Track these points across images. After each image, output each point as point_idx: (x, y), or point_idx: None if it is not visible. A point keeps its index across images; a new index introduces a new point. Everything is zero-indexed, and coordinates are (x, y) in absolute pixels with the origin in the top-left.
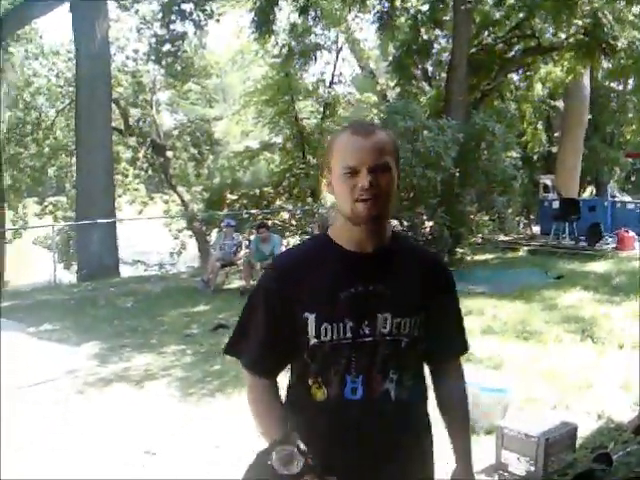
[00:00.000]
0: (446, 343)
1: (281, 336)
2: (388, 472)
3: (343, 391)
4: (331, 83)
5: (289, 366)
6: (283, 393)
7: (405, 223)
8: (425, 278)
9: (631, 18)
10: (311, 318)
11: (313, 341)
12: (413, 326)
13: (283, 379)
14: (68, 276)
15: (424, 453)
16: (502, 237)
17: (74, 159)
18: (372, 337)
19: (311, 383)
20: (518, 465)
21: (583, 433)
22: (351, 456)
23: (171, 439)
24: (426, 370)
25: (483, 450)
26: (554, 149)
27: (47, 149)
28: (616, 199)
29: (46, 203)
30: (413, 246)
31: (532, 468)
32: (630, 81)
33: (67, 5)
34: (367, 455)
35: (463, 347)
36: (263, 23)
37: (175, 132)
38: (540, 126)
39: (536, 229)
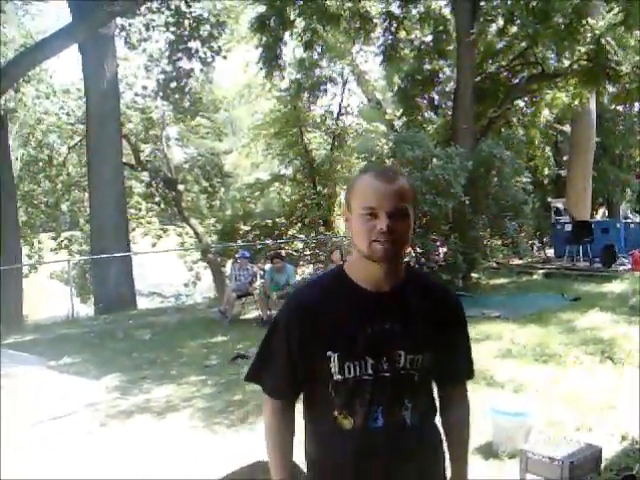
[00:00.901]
0: (454, 371)
1: (301, 368)
2: None
3: (367, 421)
4: (339, 114)
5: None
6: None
7: (419, 250)
8: (437, 315)
9: (633, 43)
10: (334, 357)
11: (337, 377)
12: (424, 361)
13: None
14: (85, 309)
15: (436, 464)
16: (516, 261)
17: (87, 194)
18: (390, 372)
19: (337, 414)
20: None
21: (607, 455)
22: (376, 476)
23: (193, 470)
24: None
25: (507, 474)
26: (563, 173)
27: (60, 185)
28: (629, 220)
29: (61, 238)
30: (426, 282)
31: None
32: (636, 104)
33: (76, 46)
34: (389, 473)
35: (469, 374)
36: (270, 59)
37: (186, 166)
38: (548, 150)
39: (550, 252)
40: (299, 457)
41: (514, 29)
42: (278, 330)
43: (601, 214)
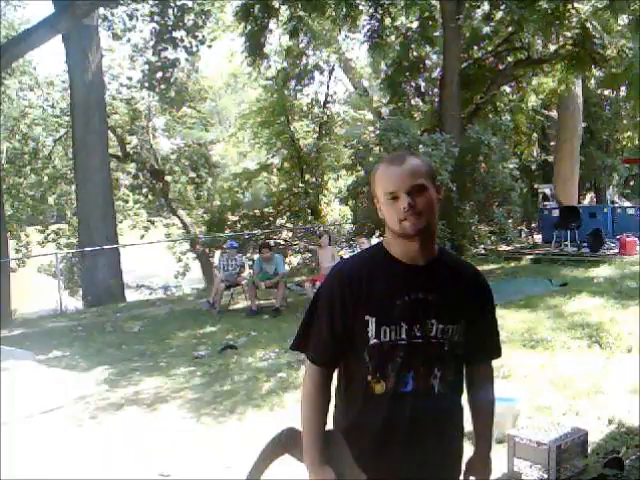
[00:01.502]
0: (482, 348)
1: (342, 333)
2: (429, 449)
3: (398, 385)
4: (325, 102)
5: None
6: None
7: None
8: (467, 290)
9: (619, 27)
10: (371, 320)
11: (373, 341)
12: (454, 332)
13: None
14: (74, 302)
15: (458, 437)
16: (504, 247)
17: (73, 187)
18: (421, 339)
19: (370, 378)
20: (531, 473)
21: (594, 439)
22: (404, 438)
23: (184, 460)
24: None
25: (495, 459)
26: (550, 158)
27: (46, 178)
28: (616, 205)
29: (48, 231)
30: (458, 260)
31: (545, 475)
32: (623, 88)
33: (60, 36)
34: (416, 436)
35: (497, 352)
36: (255, 47)
37: (173, 157)
38: (535, 136)
39: (538, 238)
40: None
41: (500, 14)
42: (320, 299)
43: (589, 199)
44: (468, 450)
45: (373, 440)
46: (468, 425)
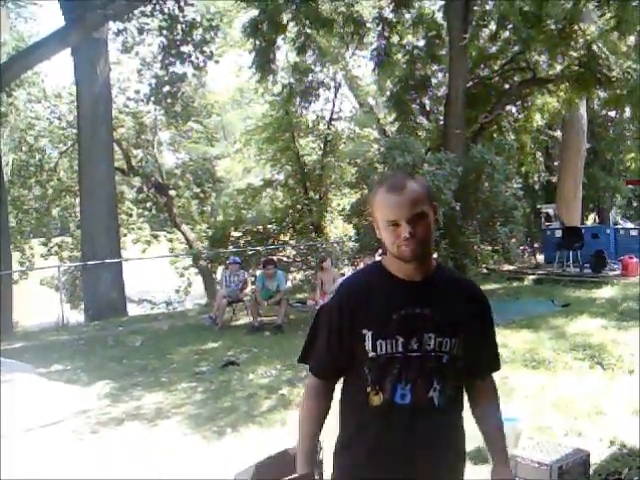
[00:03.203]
0: (482, 362)
1: (340, 347)
2: (428, 465)
3: (394, 397)
4: (331, 119)
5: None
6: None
7: None
8: (465, 305)
9: (624, 49)
10: (368, 334)
11: (371, 354)
12: (453, 345)
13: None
14: (76, 316)
15: (459, 452)
16: (507, 267)
17: (78, 199)
18: (419, 352)
19: (369, 390)
20: None
21: (596, 460)
22: (401, 450)
23: (183, 476)
24: None
25: None
26: (554, 179)
27: (51, 190)
28: (619, 226)
29: (51, 244)
30: (456, 276)
31: None
32: (627, 110)
33: (69, 49)
34: (413, 448)
35: (496, 365)
36: (263, 63)
37: (177, 171)
38: (539, 156)
39: (540, 258)
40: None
41: (506, 34)
42: (323, 314)
43: (592, 220)
44: (469, 472)
45: (369, 450)
46: (469, 446)
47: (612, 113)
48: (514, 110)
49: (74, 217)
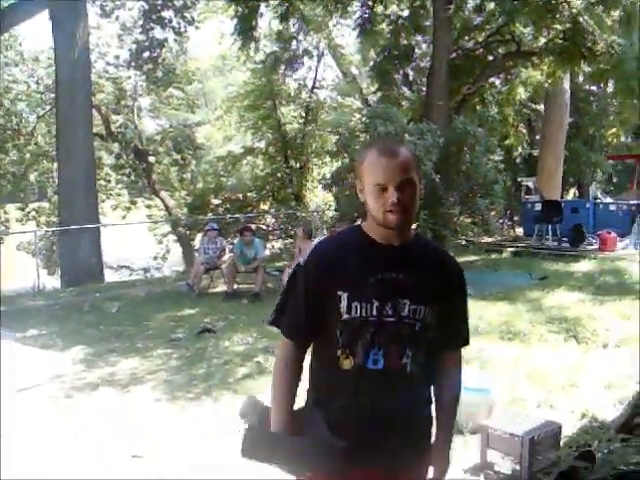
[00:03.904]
0: (452, 334)
1: (316, 308)
2: (394, 434)
3: (366, 361)
4: (313, 88)
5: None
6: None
7: None
8: (440, 275)
9: (610, 23)
10: (343, 296)
11: (345, 316)
12: (426, 314)
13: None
14: (53, 282)
15: (427, 422)
16: (486, 239)
17: (55, 165)
18: (393, 318)
19: (339, 354)
20: (503, 464)
21: (567, 432)
22: (370, 415)
23: (157, 442)
24: None
25: (469, 449)
26: (535, 152)
27: (28, 155)
28: (598, 201)
29: (28, 209)
30: (433, 246)
31: (517, 467)
32: (610, 84)
33: (47, 12)
34: (378, 417)
35: (465, 340)
36: (246, 30)
37: (157, 137)
38: (522, 129)
39: (519, 231)
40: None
41: (491, 5)
42: (297, 276)
43: (572, 194)
44: None
45: (340, 414)
46: None
47: (595, 88)
48: (497, 82)
49: (52, 182)
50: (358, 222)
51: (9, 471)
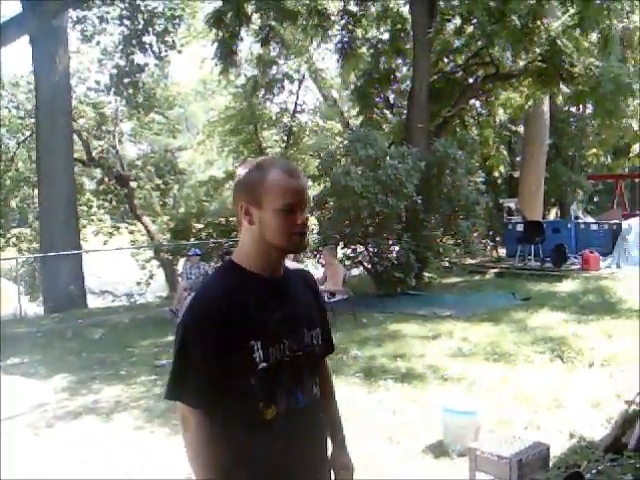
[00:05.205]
0: (327, 342)
1: (224, 365)
2: (318, 454)
3: (288, 404)
4: (294, 112)
5: None
6: None
7: (371, 249)
8: (311, 293)
9: (587, 45)
10: (257, 345)
11: (261, 365)
12: (319, 336)
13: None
14: (34, 308)
15: (325, 437)
16: (469, 260)
17: (36, 191)
18: (300, 351)
19: (261, 405)
20: None
21: (556, 452)
22: (299, 455)
23: (142, 470)
24: None
25: (457, 472)
26: (516, 173)
27: (8, 181)
28: (580, 220)
29: (9, 235)
30: (294, 267)
31: None
32: (589, 106)
33: (27, 37)
34: (309, 452)
35: (330, 348)
36: (226, 55)
37: (139, 162)
38: (502, 150)
39: (502, 252)
40: None
41: (471, 28)
42: (190, 336)
43: (553, 214)
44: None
45: (275, 467)
46: (430, 439)
47: (574, 109)
48: (477, 105)
49: (33, 208)
50: (340, 246)
51: None
